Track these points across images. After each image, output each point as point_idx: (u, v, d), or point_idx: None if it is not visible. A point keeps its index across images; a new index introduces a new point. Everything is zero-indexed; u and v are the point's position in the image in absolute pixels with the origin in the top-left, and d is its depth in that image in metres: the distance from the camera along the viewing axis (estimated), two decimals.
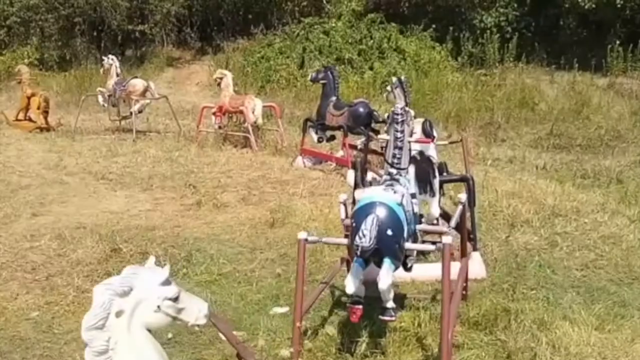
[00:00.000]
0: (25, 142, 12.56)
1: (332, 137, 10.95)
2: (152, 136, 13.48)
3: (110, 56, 14.19)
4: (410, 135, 5.90)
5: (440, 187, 6.70)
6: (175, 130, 13.69)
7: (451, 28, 18.47)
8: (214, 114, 12.81)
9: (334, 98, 10.85)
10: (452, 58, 19.08)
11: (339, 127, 10.53)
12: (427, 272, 6.06)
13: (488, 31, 18.94)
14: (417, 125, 8.47)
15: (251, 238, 7.48)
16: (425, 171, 6.36)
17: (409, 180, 5.47)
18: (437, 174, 6.43)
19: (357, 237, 4.30)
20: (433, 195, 6.35)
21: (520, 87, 15.92)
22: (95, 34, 22.09)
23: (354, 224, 4.49)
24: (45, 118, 13.81)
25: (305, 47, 18.42)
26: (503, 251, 7.14)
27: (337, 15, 19.73)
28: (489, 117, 13.91)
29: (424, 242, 5.28)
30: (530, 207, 8.42)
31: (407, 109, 5.58)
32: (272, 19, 23.73)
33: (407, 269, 4.85)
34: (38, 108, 13.73)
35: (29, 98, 13.90)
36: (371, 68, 17.56)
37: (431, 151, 8.34)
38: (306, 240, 4.61)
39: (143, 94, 13.56)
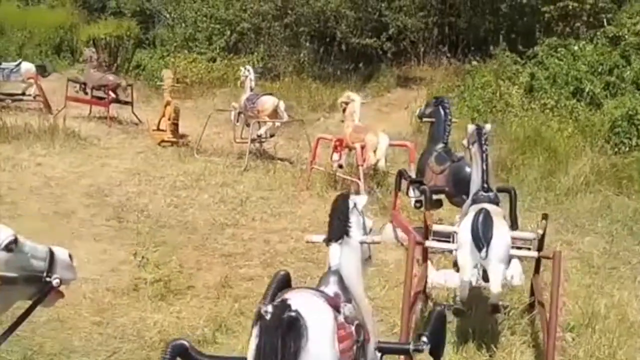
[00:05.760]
0: (121, 157, 10.79)
1: (438, 203, 7.20)
2: (275, 167, 10.78)
3: (247, 67, 11.93)
4: None
5: None
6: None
7: None
8: (335, 148, 9.78)
9: (440, 146, 7.19)
10: None
11: (440, 191, 6.87)
12: None
13: None
14: None
15: None
16: None
17: None
18: None
19: None
20: None
21: None
22: (318, 45, 20.07)
23: None
24: (174, 130, 11.97)
25: (534, 74, 14.25)
26: None
27: (590, 37, 15.13)
28: None
29: None
30: None
31: None
32: (539, 39, 19.75)
33: None
34: (169, 119, 11.95)
35: (165, 107, 12.21)
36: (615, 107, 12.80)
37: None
38: None
39: (273, 114, 11.01)
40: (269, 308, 2.83)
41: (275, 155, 11.43)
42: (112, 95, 13.53)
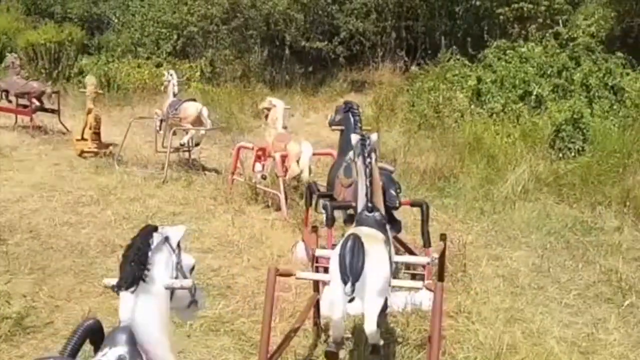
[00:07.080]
0: (32, 170, 10.00)
1: (351, 219, 6.51)
2: (198, 178, 10.03)
3: (170, 71, 11.23)
4: None
5: None
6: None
7: None
8: (257, 157, 9.11)
9: (350, 157, 6.49)
10: None
11: (347, 206, 6.21)
12: None
13: None
14: None
15: None
16: None
17: None
18: None
19: None
20: None
21: None
22: (267, 49, 19.43)
23: None
24: (96, 140, 11.20)
25: (481, 77, 13.69)
26: None
27: (539, 39, 14.65)
28: None
29: None
30: None
31: None
32: (487, 41, 19.26)
33: None
34: (89, 128, 11.19)
35: (87, 115, 11.44)
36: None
37: None
38: None
39: (197, 121, 10.32)
40: None
41: (201, 166, 10.70)
42: (37, 103, 12.71)
